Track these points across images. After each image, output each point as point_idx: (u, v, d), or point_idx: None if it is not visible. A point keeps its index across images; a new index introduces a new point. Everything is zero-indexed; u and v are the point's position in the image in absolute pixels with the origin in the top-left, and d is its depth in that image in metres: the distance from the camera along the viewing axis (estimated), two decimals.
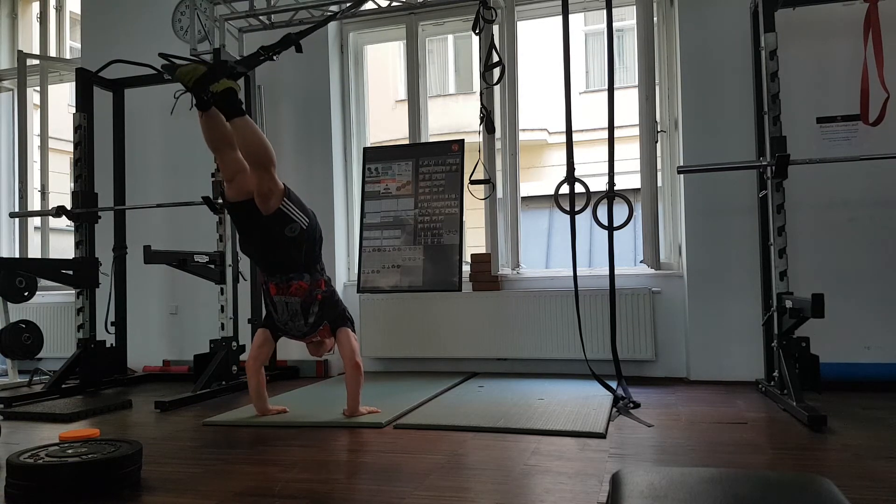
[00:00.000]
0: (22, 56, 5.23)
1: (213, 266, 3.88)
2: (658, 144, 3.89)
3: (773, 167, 3.04)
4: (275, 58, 2.80)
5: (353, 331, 2.95)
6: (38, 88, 5.30)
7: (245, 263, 4.12)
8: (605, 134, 3.29)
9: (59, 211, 4.04)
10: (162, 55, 4.09)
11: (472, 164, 4.06)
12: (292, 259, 2.79)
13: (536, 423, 2.70)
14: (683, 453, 2.27)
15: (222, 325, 3.84)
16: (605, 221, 3.29)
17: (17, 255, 5.34)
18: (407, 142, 4.54)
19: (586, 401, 3.12)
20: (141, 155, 4.76)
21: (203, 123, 2.75)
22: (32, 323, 4.11)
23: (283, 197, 2.71)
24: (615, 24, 3.42)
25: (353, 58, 4.74)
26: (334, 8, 4.26)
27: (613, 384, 3.24)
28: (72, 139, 4.10)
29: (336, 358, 3.11)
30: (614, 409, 2.96)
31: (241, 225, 2.87)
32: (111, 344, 4.21)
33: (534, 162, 8.74)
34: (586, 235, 6.14)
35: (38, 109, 5.32)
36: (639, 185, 3.92)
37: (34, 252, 5.20)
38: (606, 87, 3.31)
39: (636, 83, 3.96)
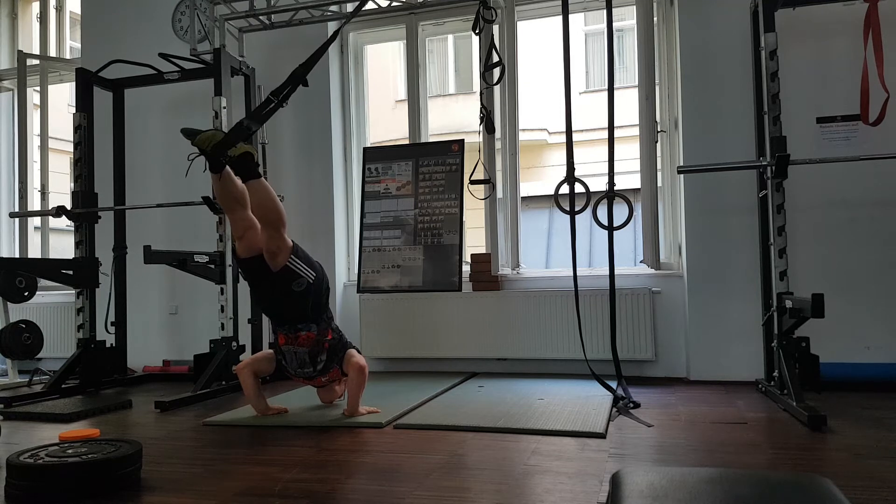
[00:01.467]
0: (22, 56, 5.23)
1: (213, 266, 3.88)
2: (658, 144, 3.89)
3: (773, 167, 3.04)
4: (284, 104, 2.85)
5: (359, 351, 3.02)
6: (38, 88, 5.30)
7: None
8: (605, 134, 3.29)
9: (59, 211, 4.04)
10: (162, 55, 4.12)
11: (472, 164, 4.06)
12: (299, 311, 2.88)
13: (536, 423, 2.70)
14: (683, 453, 2.27)
15: (222, 325, 3.84)
16: (605, 221, 3.29)
17: (17, 255, 5.34)
18: (407, 142, 4.54)
19: (586, 401, 3.12)
20: (141, 155, 4.76)
21: (216, 185, 2.87)
22: (32, 323, 4.12)
23: (290, 254, 2.83)
24: (615, 24, 3.42)
25: (353, 58, 4.74)
26: (334, 8, 4.27)
27: (613, 384, 3.24)
28: (72, 139, 4.11)
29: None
30: (614, 409, 2.96)
31: (251, 279, 2.98)
32: (111, 344, 4.21)
33: (534, 162, 8.74)
34: (586, 235, 6.14)
35: (38, 109, 5.32)
36: (639, 185, 3.92)
37: (34, 252, 5.20)
38: (606, 87, 3.31)
39: (636, 83, 3.96)
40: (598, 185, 3.39)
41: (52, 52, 5.51)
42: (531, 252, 6.34)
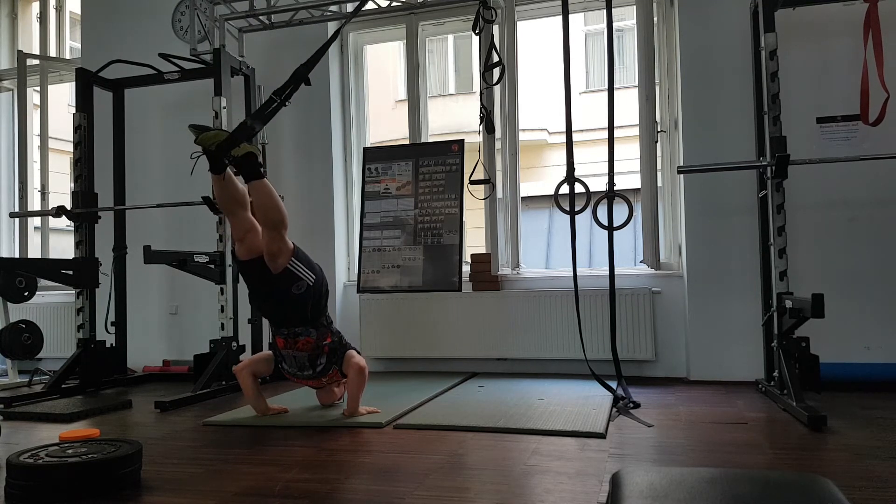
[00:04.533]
0: (22, 56, 5.23)
1: (213, 266, 3.88)
2: (658, 144, 3.89)
3: (773, 167, 3.04)
4: (287, 103, 2.86)
5: (358, 352, 3.00)
6: (38, 88, 5.30)
7: None
8: (605, 134, 3.29)
9: (59, 211, 4.04)
10: (162, 55, 4.12)
11: (472, 164, 4.06)
12: (299, 314, 2.86)
13: (536, 423, 2.70)
14: (683, 453, 2.27)
15: (222, 325, 3.84)
16: (605, 221, 3.29)
17: (17, 255, 5.34)
18: (407, 142, 4.54)
19: (586, 401, 3.12)
20: (141, 155, 4.76)
21: (217, 186, 2.85)
22: (32, 323, 4.12)
23: (291, 256, 2.80)
24: (615, 24, 3.42)
25: (353, 58, 4.74)
26: (334, 8, 4.27)
27: (613, 384, 3.24)
28: (72, 139, 4.11)
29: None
30: (614, 409, 2.96)
31: (251, 282, 2.95)
32: (111, 344, 4.21)
33: (534, 162, 8.74)
34: (586, 235, 6.15)
35: (38, 109, 5.32)
36: (639, 185, 3.92)
37: (34, 252, 5.20)
38: (606, 87, 3.31)
39: (636, 83, 3.96)
40: (598, 185, 3.39)
41: (52, 52, 5.51)
42: (531, 252, 6.34)
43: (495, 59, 3.95)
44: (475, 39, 4.08)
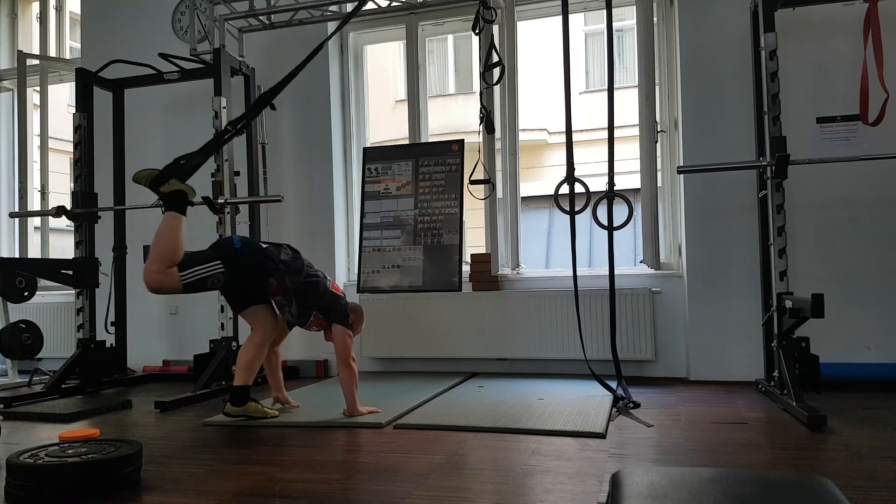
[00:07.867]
0: (22, 56, 5.23)
1: None
2: (658, 144, 3.89)
3: (773, 167, 3.04)
4: (242, 130, 2.96)
5: (349, 327, 2.97)
6: (38, 88, 5.30)
7: None
8: (605, 134, 3.29)
9: (59, 211, 4.04)
10: (162, 55, 4.12)
11: (472, 164, 4.06)
12: (256, 288, 2.93)
13: (536, 423, 2.70)
14: (683, 453, 2.27)
15: (222, 325, 3.84)
16: (605, 221, 3.29)
17: (17, 255, 5.34)
18: (407, 142, 4.54)
19: (586, 401, 3.12)
20: (141, 155, 4.75)
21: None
22: (32, 323, 4.12)
23: (178, 276, 2.81)
24: (615, 24, 3.42)
25: (353, 58, 4.74)
26: (334, 8, 4.27)
27: (613, 384, 3.24)
28: (72, 139, 4.11)
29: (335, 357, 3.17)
30: (614, 409, 2.96)
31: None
32: (111, 344, 4.21)
33: (534, 162, 8.74)
34: (586, 235, 6.14)
35: (38, 109, 5.32)
36: (639, 185, 3.92)
37: (34, 252, 5.20)
38: (606, 87, 3.31)
39: (636, 83, 3.96)
40: (598, 185, 3.39)
41: (52, 52, 5.51)
42: (531, 252, 6.34)
43: (495, 59, 3.95)
44: (475, 39, 4.08)
